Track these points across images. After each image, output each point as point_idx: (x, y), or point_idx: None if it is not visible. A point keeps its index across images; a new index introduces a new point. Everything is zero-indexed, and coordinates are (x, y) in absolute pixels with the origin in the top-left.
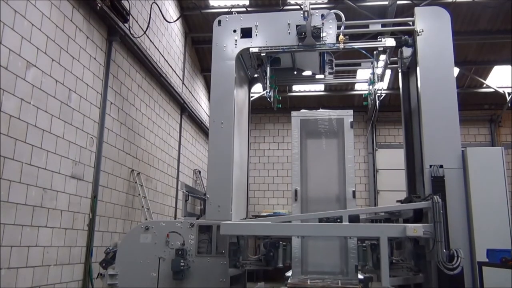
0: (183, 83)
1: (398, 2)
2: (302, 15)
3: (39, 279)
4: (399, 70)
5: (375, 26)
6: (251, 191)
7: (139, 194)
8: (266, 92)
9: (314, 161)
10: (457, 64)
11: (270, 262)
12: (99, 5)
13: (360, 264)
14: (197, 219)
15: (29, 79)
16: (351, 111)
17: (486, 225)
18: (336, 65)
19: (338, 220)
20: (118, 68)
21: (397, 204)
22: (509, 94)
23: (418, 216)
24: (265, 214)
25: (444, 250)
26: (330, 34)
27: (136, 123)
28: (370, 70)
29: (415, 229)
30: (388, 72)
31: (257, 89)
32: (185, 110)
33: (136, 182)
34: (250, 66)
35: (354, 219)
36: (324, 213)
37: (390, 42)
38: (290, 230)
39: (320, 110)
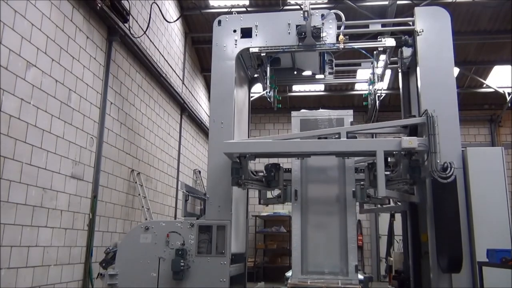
0: (183, 83)
1: (398, 2)
2: (302, 15)
3: (39, 279)
4: (399, 70)
5: (375, 26)
6: (251, 191)
7: (139, 194)
8: (266, 92)
9: (314, 161)
10: (457, 64)
11: (271, 182)
12: (99, 5)
13: (358, 203)
14: (197, 219)
15: (29, 79)
16: (351, 111)
17: (486, 225)
18: (336, 65)
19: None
20: (118, 68)
21: (395, 121)
22: (509, 94)
23: (412, 135)
24: (265, 214)
25: (438, 161)
26: (330, 34)
27: (136, 123)
28: (370, 70)
29: (411, 141)
30: (388, 72)
31: (257, 89)
32: (185, 110)
33: (136, 182)
34: (250, 66)
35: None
36: (322, 130)
37: (390, 42)
38: (289, 146)
39: (320, 110)
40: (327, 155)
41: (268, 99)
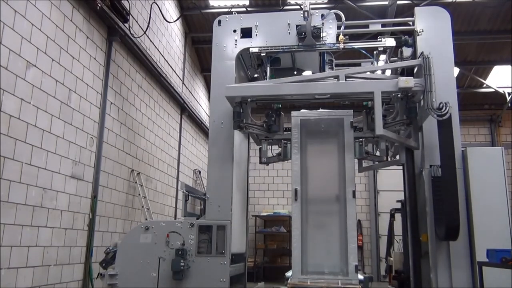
0: (183, 83)
1: (398, 2)
2: (302, 15)
3: (39, 279)
4: (399, 70)
5: (375, 26)
6: (251, 191)
7: (139, 194)
8: None
9: (314, 161)
10: (457, 64)
11: (271, 127)
12: (99, 5)
13: (357, 158)
14: (197, 219)
15: (29, 79)
16: (351, 111)
17: (486, 225)
18: (336, 65)
19: None
20: (118, 68)
21: (393, 63)
22: (509, 94)
23: None
24: (265, 214)
25: (434, 100)
26: (330, 34)
27: (136, 123)
28: None
29: (407, 81)
30: (388, 72)
31: None
32: (185, 110)
33: (136, 182)
34: (250, 66)
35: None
36: (322, 73)
37: (390, 42)
38: (289, 89)
39: (320, 110)
40: (326, 99)
41: None
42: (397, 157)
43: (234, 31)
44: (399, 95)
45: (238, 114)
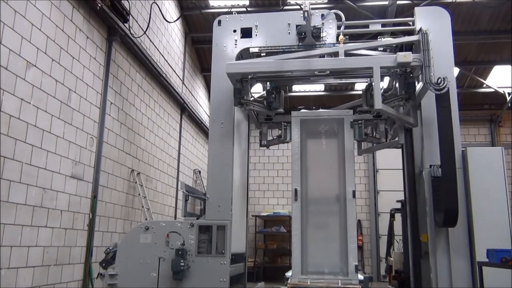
0: (183, 83)
1: (398, 2)
2: (302, 15)
3: (39, 279)
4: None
5: (375, 26)
6: (251, 191)
7: (139, 194)
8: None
9: (314, 161)
10: (457, 64)
11: (272, 104)
12: (99, 5)
13: (356, 140)
14: (197, 219)
15: (29, 79)
16: (351, 111)
17: (486, 225)
18: None
19: None
20: (118, 68)
21: (392, 39)
22: (509, 94)
23: None
24: (265, 214)
25: (432, 74)
26: (330, 34)
27: (136, 123)
28: None
29: (405, 56)
30: None
31: (257, 89)
32: (185, 110)
33: (136, 182)
34: None
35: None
36: (322, 49)
37: (390, 42)
38: (289, 65)
39: (320, 110)
40: (325, 76)
41: None
42: (396, 138)
43: (234, 31)
44: (397, 71)
45: (239, 91)
